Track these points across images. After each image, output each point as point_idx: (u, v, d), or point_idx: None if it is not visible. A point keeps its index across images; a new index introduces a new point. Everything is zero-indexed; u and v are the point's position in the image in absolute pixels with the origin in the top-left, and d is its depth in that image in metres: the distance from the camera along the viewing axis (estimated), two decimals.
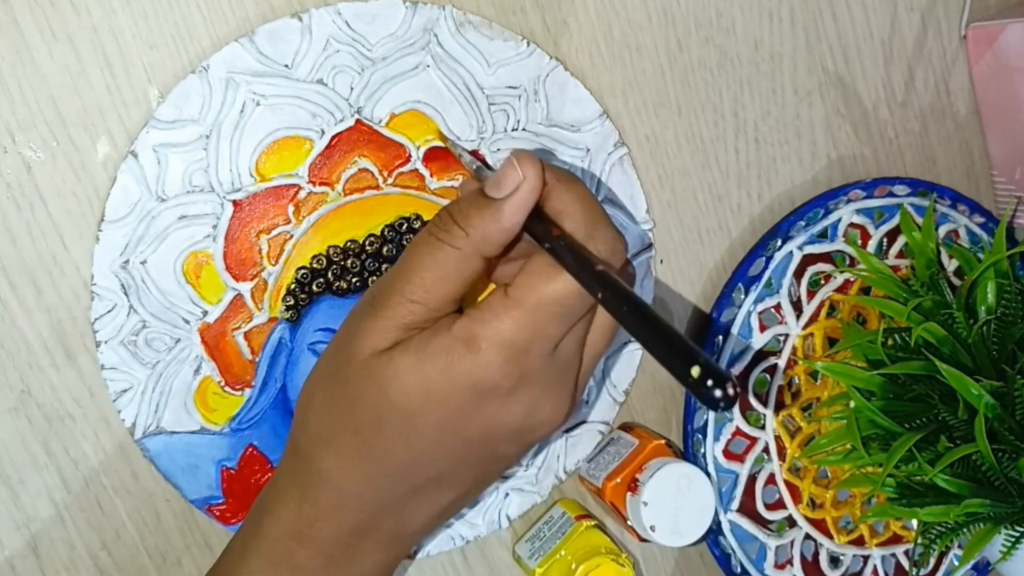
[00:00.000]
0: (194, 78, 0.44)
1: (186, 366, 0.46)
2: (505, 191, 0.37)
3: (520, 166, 0.37)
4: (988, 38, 0.59)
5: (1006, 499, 0.49)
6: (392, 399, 0.37)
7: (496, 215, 0.37)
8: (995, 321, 0.52)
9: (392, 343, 0.38)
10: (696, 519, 0.52)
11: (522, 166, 0.37)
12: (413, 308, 0.38)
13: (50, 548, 0.46)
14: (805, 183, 0.58)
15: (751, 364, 0.55)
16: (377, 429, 0.38)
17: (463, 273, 0.38)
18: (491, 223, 0.37)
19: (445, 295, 0.38)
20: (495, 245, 0.38)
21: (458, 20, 0.47)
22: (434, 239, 0.38)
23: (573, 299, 0.37)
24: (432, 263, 0.38)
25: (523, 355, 0.37)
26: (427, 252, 0.38)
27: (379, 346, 0.38)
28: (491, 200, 0.37)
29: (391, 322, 0.38)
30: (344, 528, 0.40)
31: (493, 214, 0.37)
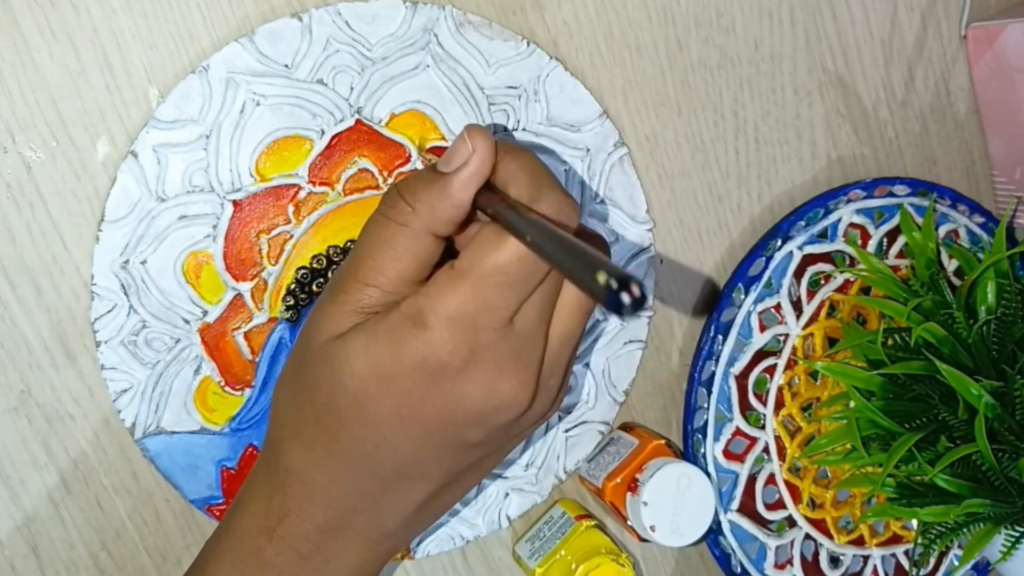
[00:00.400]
0: (194, 78, 0.44)
1: (186, 366, 0.46)
2: (455, 165, 0.36)
3: (470, 139, 0.36)
4: (988, 38, 0.59)
5: (1006, 499, 0.49)
6: (345, 383, 0.37)
7: (444, 189, 0.36)
8: (995, 321, 0.52)
9: (349, 327, 0.37)
10: (696, 519, 0.52)
11: (472, 139, 0.36)
12: (368, 291, 0.37)
13: (50, 548, 0.46)
14: (805, 183, 0.58)
15: (751, 364, 0.55)
16: (336, 416, 0.37)
17: (414, 251, 0.37)
18: (439, 198, 0.36)
19: (399, 275, 0.37)
20: (445, 221, 0.37)
21: (458, 20, 0.47)
22: (382, 217, 0.37)
23: (517, 266, 0.35)
24: (380, 243, 0.37)
25: (471, 329, 0.36)
26: (376, 232, 0.37)
27: (336, 331, 0.37)
28: (440, 175, 0.37)
29: (348, 306, 0.37)
30: (314, 524, 0.39)
31: (441, 188, 0.36)
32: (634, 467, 0.52)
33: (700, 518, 0.52)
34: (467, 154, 0.36)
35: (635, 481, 0.51)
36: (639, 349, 0.54)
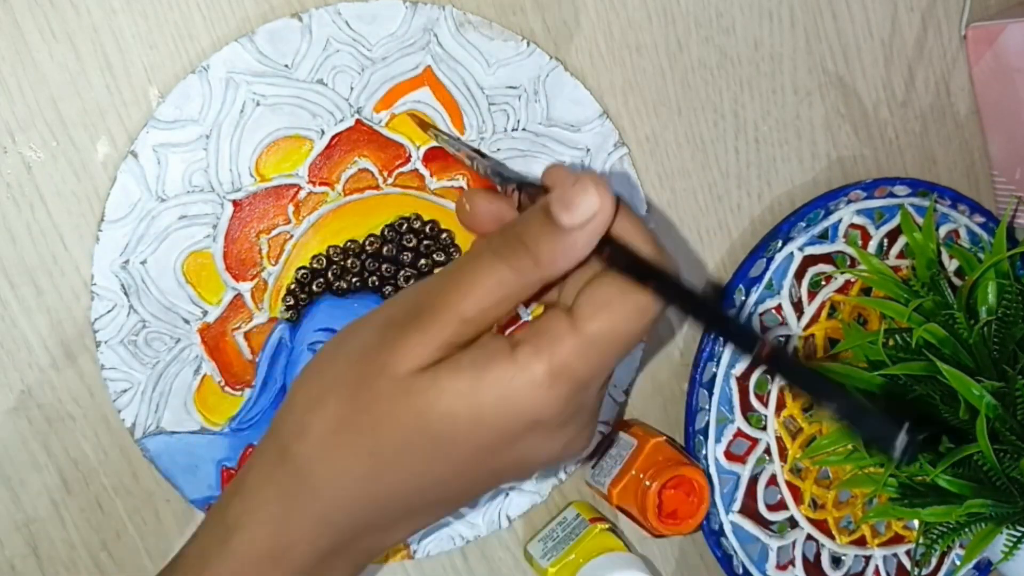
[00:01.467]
0: (194, 78, 0.44)
1: (186, 366, 0.46)
2: (579, 219, 0.34)
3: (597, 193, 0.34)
4: (988, 38, 0.59)
5: (1008, 499, 0.49)
6: (432, 423, 0.34)
7: (569, 245, 0.34)
8: (996, 321, 0.51)
9: (434, 360, 0.34)
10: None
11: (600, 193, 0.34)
12: (464, 328, 0.35)
13: (50, 548, 0.46)
14: (805, 183, 0.58)
15: (752, 365, 0.55)
16: (403, 453, 0.35)
17: (521, 297, 0.35)
18: (562, 253, 0.34)
19: (496, 317, 0.35)
20: (560, 274, 0.35)
21: (458, 20, 0.47)
22: (498, 260, 0.35)
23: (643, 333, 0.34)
24: (495, 284, 0.34)
25: (585, 390, 0.35)
26: (490, 271, 0.35)
27: (420, 363, 0.34)
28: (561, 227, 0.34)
29: (438, 340, 0.34)
30: (324, 549, 0.37)
31: (565, 243, 0.34)
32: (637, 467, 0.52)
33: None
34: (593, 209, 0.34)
35: None
36: (639, 349, 0.54)
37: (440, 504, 0.38)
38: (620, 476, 0.52)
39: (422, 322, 0.35)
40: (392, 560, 0.51)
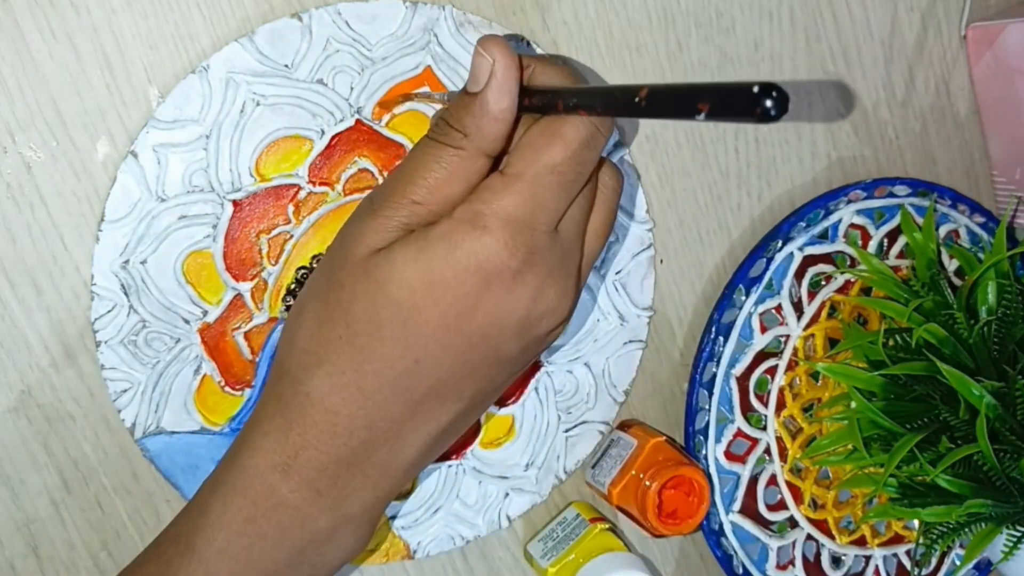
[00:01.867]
0: (194, 78, 0.44)
1: (186, 366, 0.46)
2: (482, 82, 0.37)
3: (487, 51, 0.37)
4: (988, 38, 0.59)
5: (1008, 499, 0.49)
6: (391, 294, 0.36)
7: (485, 107, 0.37)
8: (996, 321, 0.51)
9: (391, 242, 0.37)
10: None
11: (488, 50, 0.37)
12: (415, 209, 0.37)
13: (50, 548, 0.46)
14: (805, 183, 0.58)
15: (752, 365, 0.55)
16: (374, 333, 0.36)
17: (468, 173, 0.37)
18: (483, 116, 0.37)
19: (448, 196, 0.37)
20: (495, 138, 0.37)
21: (458, 20, 0.47)
22: (435, 142, 0.37)
23: (569, 163, 0.36)
24: (436, 165, 0.37)
25: (528, 230, 0.36)
26: (430, 154, 0.37)
27: (378, 245, 0.37)
28: (474, 95, 0.37)
29: (391, 221, 0.37)
30: (334, 457, 0.37)
31: (479, 107, 0.37)
32: (638, 467, 0.52)
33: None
34: (488, 66, 0.37)
35: None
36: (639, 349, 0.54)
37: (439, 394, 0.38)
38: (620, 476, 0.52)
39: (374, 209, 0.37)
40: (392, 560, 0.51)
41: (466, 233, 0.36)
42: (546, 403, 0.53)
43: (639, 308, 0.54)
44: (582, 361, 0.53)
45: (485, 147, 0.37)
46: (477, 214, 0.36)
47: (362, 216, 0.38)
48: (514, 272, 0.36)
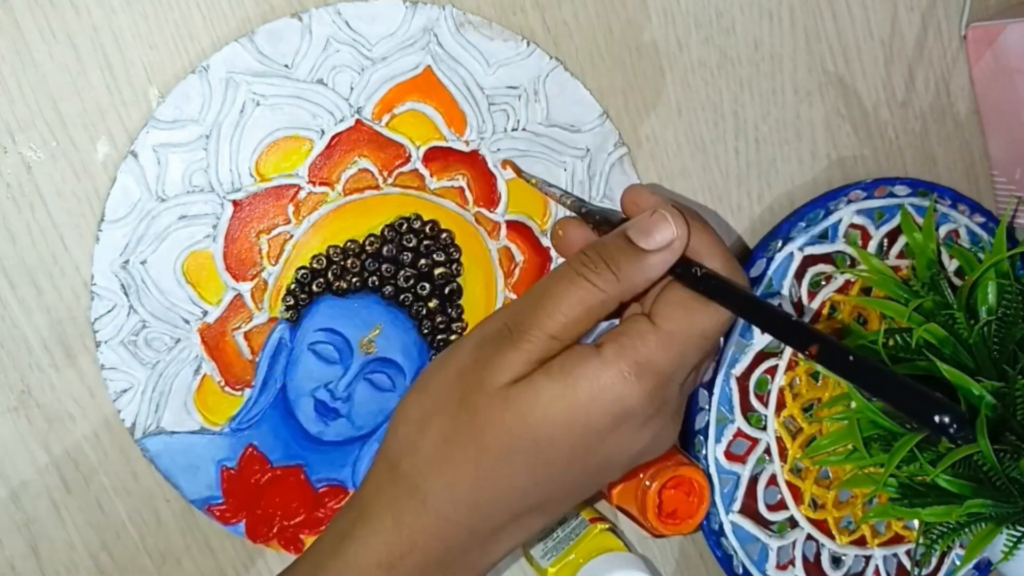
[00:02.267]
0: (194, 78, 0.44)
1: (186, 366, 0.46)
2: (656, 244, 0.38)
3: (674, 221, 0.38)
4: (988, 38, 0.59)
5: (1008, 499, 0.49)
6: (531, 426, 0.37)
7: (646, 266, 0.38)
8: (996, 321, 0.51)
9: (526, 373, 0.38)
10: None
11: (675, 223, 0.38)
12: (552, 344, 0.38)
13: (50, 548, 0.46)
14: (805, 183, 0.58)
15: (752, 365, 0.55)
16: (504, 459, 0.38)
17: (602, 314, 0.39)
18: (639, 273, 0.38)
19: (580, 332, 0.39)
20: (637, 292, 0.39)
21: (458, 20, 0.47)
22: (582, 279, 0.38)
23: (718, 332, 0.38)
24: (578, 303, 0.38)
25: (668, 383, 0.38)
26: (573, 290, 0.38)
27: (515, 376, 0.38)
28: (640, 250, 0.38)
29: (530, 356, 0.38)
30: (433, 558, 0.39)
31: (643, 265, 0.38)
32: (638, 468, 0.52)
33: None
34: (671, 236, 0.38)
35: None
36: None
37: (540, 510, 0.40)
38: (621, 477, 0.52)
39: (513, 340, 0.38)
40: None
41: (615, 378, 0.37)
42: None
43: None
44: None
45: (626, 296, 0.39)
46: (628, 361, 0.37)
47: (499, 343, 0.38)
48: (647, 418, 0.38)
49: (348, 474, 0.50)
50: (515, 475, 0.38)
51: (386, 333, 0.49)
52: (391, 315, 0.49)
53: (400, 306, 0.49)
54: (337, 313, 0.48)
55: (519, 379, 0.38)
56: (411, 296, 0.49)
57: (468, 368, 0.39)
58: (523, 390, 0.37)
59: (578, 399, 0.37)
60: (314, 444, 0.49)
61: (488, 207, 0.50)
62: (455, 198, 0.49)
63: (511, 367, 0.38)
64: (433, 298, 0.50)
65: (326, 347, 0.48)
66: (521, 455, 0.37)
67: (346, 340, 0.49)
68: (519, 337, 0.38)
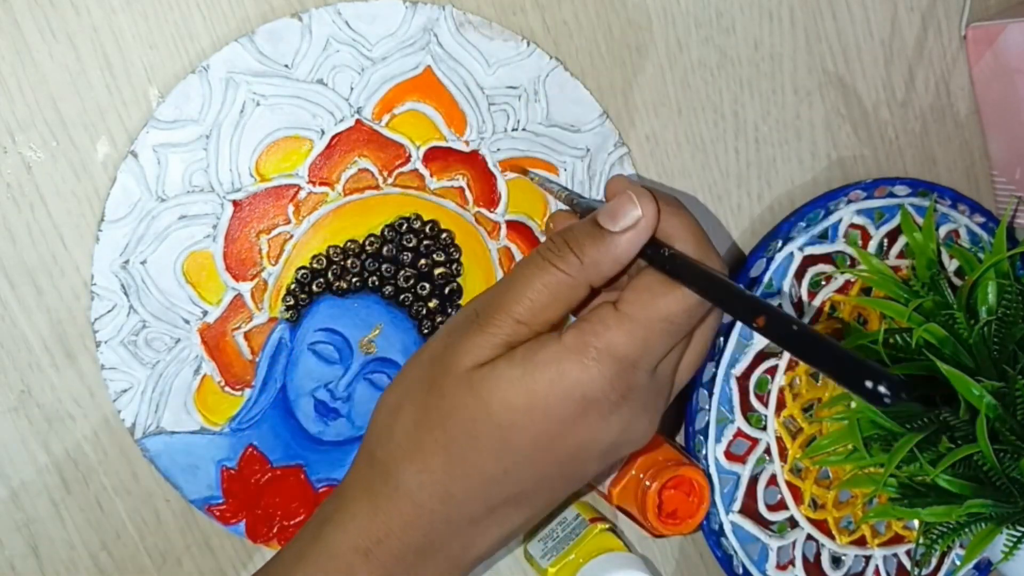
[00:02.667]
0: (194, 78, 0.44)
1: (186, 366, 0.46)
2: (622, 225, 0.38)
3: (639, 202, 0.38)
4: (988, 38, 0.59)
5: (1008, 499, 0.49)
6: (493, 411, 0.37)
7: (612, 248, 0.38)
8: (996, 321, 0.51)
9: (492, 358, 0.38)
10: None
11: (641, 202, 0.38)
12: (518, 328, 0.38)
13: (50, 548, 0.46)
14: (805, 183, 0.58)
15: (752, 365, 0.55)
16: (470, 443, 0.38)
17: (570, 299, 0.38)
18: (606, 255, 0.38)
19: (549, 318, 0.38)
20: (605, 276, 0.38)
21: (458, 20, 0.47)
22: (547, 263, 0.38)
23: (685, 316, 0.37)
24: (543, 287, 0.38)
25: (632, 369, 0.37)
26: (539, 274, 0.38)
27: (481, 360, 0.38)
28: (606, 232, 0.38)
29: (495, 339, 0.38)
30: (412, 546, 0.39)
31: (608, 247, 0.38)
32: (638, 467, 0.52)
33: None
34: (636, 216, 0.38)
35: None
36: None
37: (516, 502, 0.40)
38: (620, 476, 0.52)
39: (480, 324, 0.38)
40: None
41: (574, 363, 0.37)
42: None
43: None
44: None
45: (594, 280, 0.38)
46: (587, 346, 0.37)
47: (466, 328, 0.39)
48: (612, 405, 0.38)
49: None
50: (483, 461, 0.38)
51: (386, 333, 0.49)
52: (391, 315, 0.49)
53: (400, 306, 0.49)
54: (337, 313, 0.48)
55: (485, 362, 0.38)
56: (411, 296, 0.49)
57: (438, 354, 0.39)
58: (485, 374, 0.37)
59: (536, 384, 0.37)
60: (314, 444, 0.49)
61: (488, 207, 0.50)
62: (455, 198, 0.49)
63: (477, 350, 0.38)
64: (433, 298, 0.50)
65: (326, 347, 0.48)
66: (485, 440, 0.37)
67: (346, 340, 0.49)
68: (485, 321, 0.38)
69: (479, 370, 0.38)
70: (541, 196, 0.51)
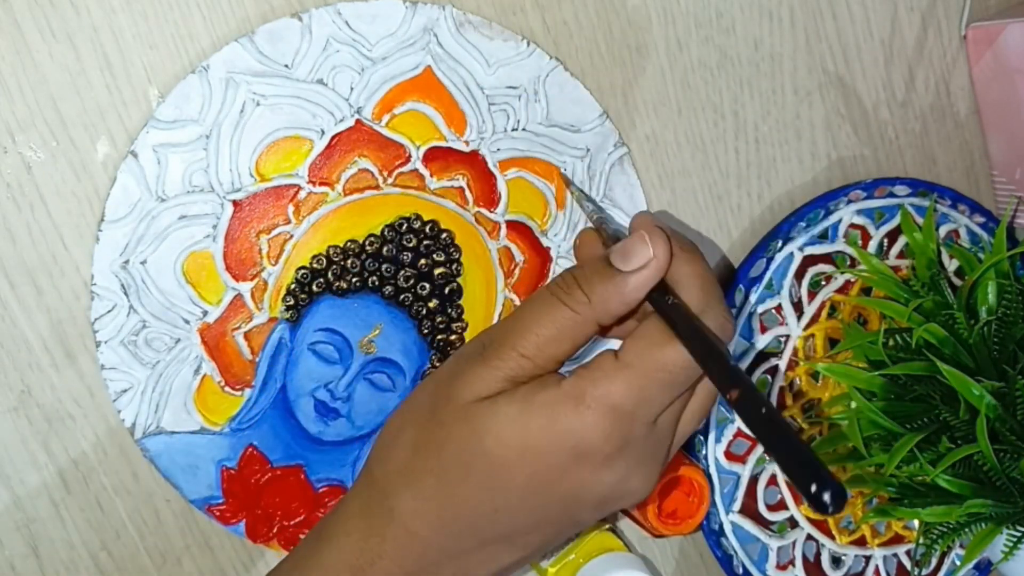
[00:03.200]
0: (194, 78, 0.44)
1: (186, 366, 0.46)
2: (633, 265, 0.37)
3: (652, 243, 0.37)
4: (988, 38, 0.59)
5: (1008, 499, 0.49)
6: (486, 447, 0.37)
7: (620, 288, 0.37)
8: (996, 321, 0.51)
9: (496, 392, 0.38)
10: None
11: (653, 243, 0.37)
12: (523, 363, 0.38)
13: (50, 548, 0.46)
14: (805, 183, 0.58)
15: (752, 365, 0.55)
16: (462, 476, 0.37)
17: (576, 337, 0.38)
18: (614, 295, 0.37)
19: (555, 355, 0.38)
20: (614, 315, 0.38)
21: (458, 20, 0.47)
22: (556, 300, 0.38)
23: (683, 369, 0.37)
24: (550, 322, 0.38)
25: (628, 421, 0.37)
26: (546, 311, 0.38)
27: (482, 393, 0.38)
28: (616, 271, 0.38)
29: (498, 372, 0.38)
30: (403, 570, 0.39)
31: (617, 286, 0.37)
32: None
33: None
34: (647, 257, 0.37)
35: None
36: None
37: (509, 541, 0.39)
38: None
39: (485, 356, 0.38)
40: None
41: (569, 410, 0.36)
42: None
43: None
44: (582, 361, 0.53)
45: (602, 319, 0.38)
46: (583, 393, 0.36)
47: (473, 359, 0.39)
48: (606, 456, 0.37)
49: (348, 474, 0.50)
50: (474, 495, 0.38)
51: (386, 333, 0.49)
52: (391, 315, 0.49)
53: (400, 306, 0.49)
54: (337, 313, 0.48)
55: (487, 397, 0.37)
56: (411, 296, 0.49)
57: (443, 381, 0.39)
58: (484, 408, 0.37)
59: (530, 425, 0.36)
60: (314, 444, 0.49)
61: (488, 207, 0.50)
62: (455, 198, 0.49)
63: (479, 382, 0.38)
64: (433, 298, 0.50)
65: (326, 347, 0.48)
66: (477, 475, 0.37)
67: (346, 340, 0.49)
68: (491, 354, 0.38)
69: (480, 404, 0.37)
70: (541, 196, 0.51)
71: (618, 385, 0.36)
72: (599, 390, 0.36)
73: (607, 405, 0.36)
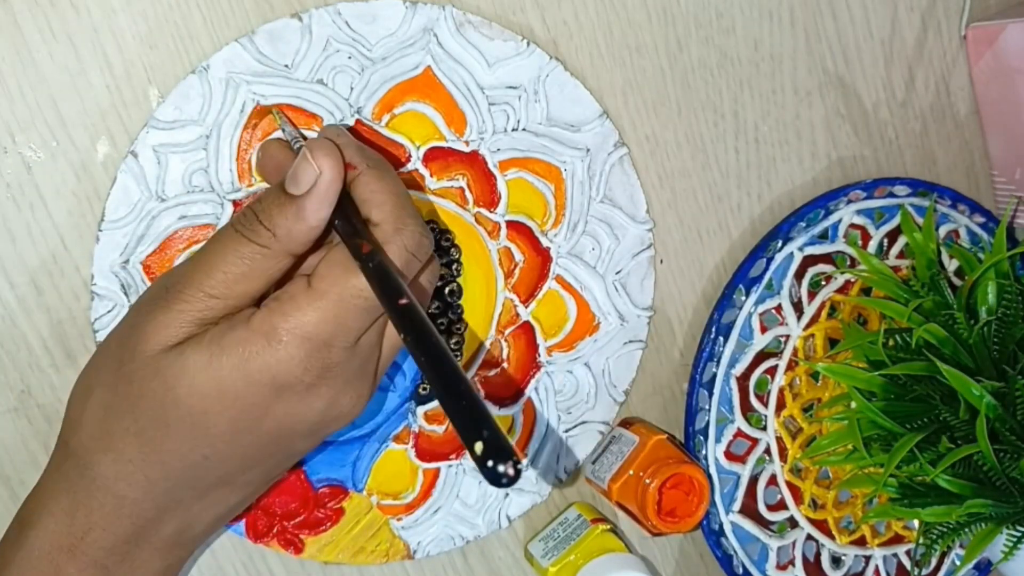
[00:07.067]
0: (194, 78, 0.44)
1: None
2: (303, 187, 0.36)
3: (315, 159, 0.35)
4: (988, 38, 0.59)
5: (1008, 499, 0.49)
6: (180, 398, 0.35)
7: (299, 213, 0.36)
8: (996, 321, 0.51)
9: (184, 338, 0.36)
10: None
11: (316, 159, 0.35)
12: (211, 303, 0.36)
13: None
14: (805, 183, 0.58)
15: (752, 365, 0.55)
16: (163, 431, 0.36)
17: (269, 271, 0.37)
18: (295, 222, 0.36)
19: (246, 291, 0.37)
20: (302, 243, 0.37)
21: (458, 20, 0.47)
22: (240, 236, 0.36)
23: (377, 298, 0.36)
24: (236, 259, 0.36)
25: (325, 348, 0.36)
26: (232, 247, 0.36)
27: (169, 341, 0.36)
28: (292, 197, 0.36)
29: (184, 316, 0.36)
30: (121, 536, 0.37)
31: (295, 212, 0.36)
32: (638, 465, 0.52)
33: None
34: (314, 175, 0.36)
35: None
36: (639, 349, 0.54)
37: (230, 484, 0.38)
38: (620, 472, 0.52)
39: (168, 300, 0.36)
40: (392, 560, 0.51)
41: (260, 347, 0.35)
42: (546, 403, 0.53)
43: (639, 308, 0.54)
44: (582, 361, 0.53)
45: (292, 249, 0.37)
46: (274, 329, 0.35)
47: (154, 305, 0.37)
48: (307, 386, 0.36)
49: (348, 474, 0.50)
50: (179, 448, 0.36)
51: None
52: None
53: None
54: None
55: (174, 345, 0.36)
56: None
57: (125, 335, 0.37)
58: (173, 359, 0.35)
59: (222, 370, 0.35)
60: None
61: (488, 207, 0.50)
62: (455, 198, 0.49)
63: (164, 329, 0.36)
64: (433, 298, 0.50)
65: None
66: (178, 427, 0.36)
67: None
68: (173, 297, 0.36)
69: (166, 355, 0.35)
70: (541, 196, 0.51)
71: (311, 315, 0.35)
72: (290, 323, 0.35)
73: (300, 336, 0.35)
